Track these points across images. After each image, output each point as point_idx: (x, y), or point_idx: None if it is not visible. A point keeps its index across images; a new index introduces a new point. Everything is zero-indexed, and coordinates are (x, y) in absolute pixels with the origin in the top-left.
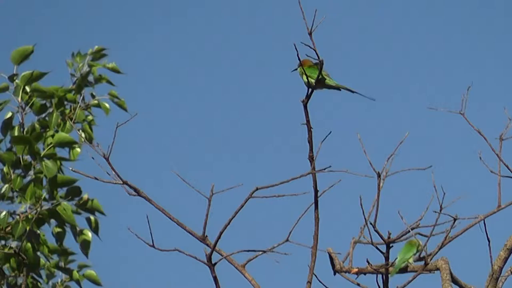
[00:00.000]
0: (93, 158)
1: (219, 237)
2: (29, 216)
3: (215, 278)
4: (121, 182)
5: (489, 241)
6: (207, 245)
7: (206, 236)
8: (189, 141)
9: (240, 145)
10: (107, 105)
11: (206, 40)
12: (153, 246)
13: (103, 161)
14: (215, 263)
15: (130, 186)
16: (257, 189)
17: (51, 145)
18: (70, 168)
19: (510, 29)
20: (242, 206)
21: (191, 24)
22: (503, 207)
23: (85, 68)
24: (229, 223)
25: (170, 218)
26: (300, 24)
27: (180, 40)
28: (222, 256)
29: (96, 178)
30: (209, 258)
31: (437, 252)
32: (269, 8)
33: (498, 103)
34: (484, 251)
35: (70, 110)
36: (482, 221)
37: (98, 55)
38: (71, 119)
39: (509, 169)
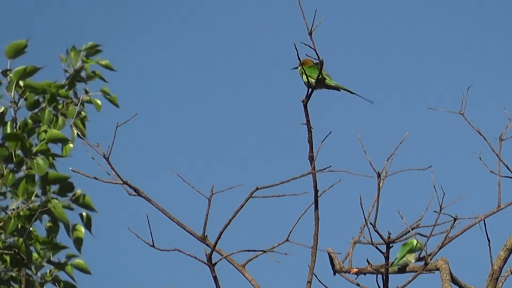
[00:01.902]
0: (93, 158)
1: (219, 237)
2: (21, 212)
3: (215, 278)
4: (121, 182)
5: (489, 241)
6: (207, 245)
7: (206, 236)
8: (189, 141)
9: (240, 145)
10: (98, 101)
11: (206, 39)
12: (153, 246)
13: (103, 161)
14: (215, 263)
15: (130, 186)
16: (257, 189)
17: (43, 142)
18: (70, 168)
19: (510, 29)
20: (242, 206)
21: (191, 24)
22: (503, 207)
23: (79, 64)
24: (229, 223)
25: (170, 218)
26: (300, 24)
27: (180, 40)
28: (222, 256)
29: (96, 178)
30: (209, 258)
31: (437, 252)
32: (269, 8)
33: (498, 103)
34: (484, 251)
35: (63, 106)
36: (482, 221)
37: (93, 51)
38: (63, 115)
39: (509, 169)
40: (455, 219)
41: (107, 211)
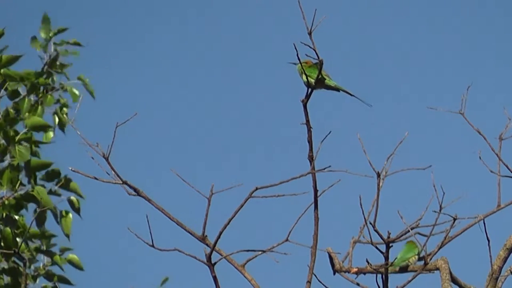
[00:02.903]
0: (93, 158)
1: (219, 237)
2: (6, 202)
3: (214, 278)
4: (121, 182)
5: (488, 241)
6: (207, 245)
7: (206, 236)
8: (189, 141)
9: (240, 145)
10: (75, 91)
11: (206, 40)
12: (153, 246)
13: (103, 161)
14: (215, 263)
15: (130, 186)
16: (257, 189)
17: (26, 129)
18: (70, 168)
19: (510, 29)
20: (242, 206)
21: (192, 24)
22: (502, 207)
23: (52, 51)
24: (229, 223)
25: (170, 218)
26: (300, 24)
27: (181, 40)
28: (221, 256)
29: (96, 178)
30: (209, 258)
31: (436, 252)
32: (269, 8)
33: (498, 103)
34: (484, 251)
35: (43, 94)
36: (482, 221)
37: (59, 32)
38: (43, 103)
39: (509, 169)
40: (455, 219)
41: (107, 211)
